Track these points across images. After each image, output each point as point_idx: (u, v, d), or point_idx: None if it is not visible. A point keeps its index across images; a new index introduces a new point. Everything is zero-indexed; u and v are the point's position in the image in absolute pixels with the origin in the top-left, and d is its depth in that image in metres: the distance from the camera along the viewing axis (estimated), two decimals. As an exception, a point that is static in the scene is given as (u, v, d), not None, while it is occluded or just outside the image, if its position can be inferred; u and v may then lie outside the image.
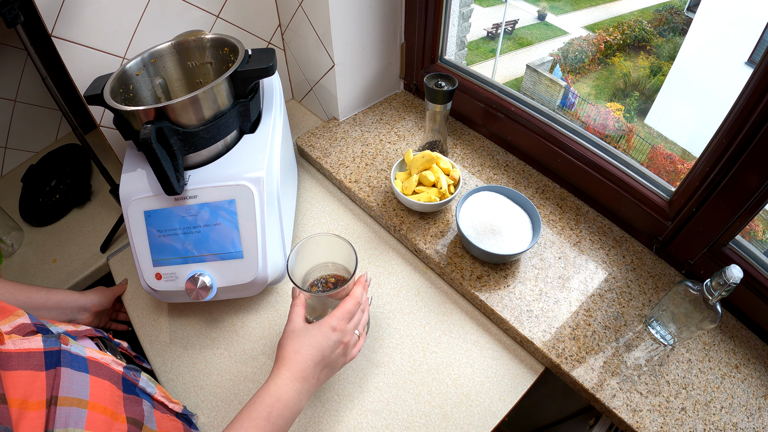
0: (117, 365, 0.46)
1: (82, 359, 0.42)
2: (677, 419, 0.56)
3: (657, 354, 0.62)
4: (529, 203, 0.72)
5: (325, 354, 0.51)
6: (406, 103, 1.03)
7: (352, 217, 0.84)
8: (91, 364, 0.42)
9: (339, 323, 0.52)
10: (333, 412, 0.60)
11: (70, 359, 0.40)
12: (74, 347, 0.42)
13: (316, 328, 0.52)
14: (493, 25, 3.61)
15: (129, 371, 0.47)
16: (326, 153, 0.91)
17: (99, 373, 0.42)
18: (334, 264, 0.62)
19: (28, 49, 0.64)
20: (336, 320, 0.52)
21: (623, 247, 0.74)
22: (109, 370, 0.44)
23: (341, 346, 0.52)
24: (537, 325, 0.64)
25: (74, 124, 0.72)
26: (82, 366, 0.41)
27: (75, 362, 0.40)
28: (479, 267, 0.71)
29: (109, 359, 0.45)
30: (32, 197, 0.96)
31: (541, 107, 0.82)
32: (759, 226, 0.83)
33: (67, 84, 0.72)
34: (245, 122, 0.65)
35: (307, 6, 0.85)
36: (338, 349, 0.52)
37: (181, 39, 0.68)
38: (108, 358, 0.45)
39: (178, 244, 0.61)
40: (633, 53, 2.70)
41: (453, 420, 0.59)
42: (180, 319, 0.72)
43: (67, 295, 0.68)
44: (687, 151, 2.06)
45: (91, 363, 0.42)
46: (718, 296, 0.53)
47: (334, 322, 0.52)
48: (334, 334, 0.52)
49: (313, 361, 0.50)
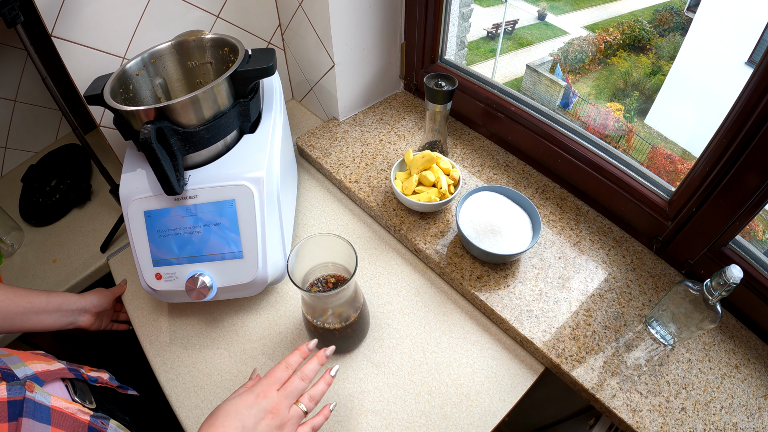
0: (83, 414, 0.43)
1: (46, 409, 0.40)
2: (677, 419, 0.56)
3: (657, 354, 0.62)
4: (529, 203, 0.72)
5: (246, 424, 0.43)
6: (406, 103, 1.03)
7: (352, 217, 0.84)
8: (54, 414, 0.40)
9: (263, 389, 0.46)
10: (333, 412, 0.60)
11: (33, 409, 0.39)
12: (39, 395, 0.40)
13: (238, 395, 0.46)
14: (493, 25, 3.61)
15: (96, 420, 0.44)
16: (326, 153, 0.91)
17: (62, 425, 0.40)
18: (334, 264, 0.62)
19: (28, 49, 0.64)
20: (260, 386, 0.47)
21: (623, 247, 0.74)
22: (73, 420, 0.41)
23: (269, 416, 0.45)
24: (537, 325, 0.64)
25: (74, 124, 0.72)
26: (45, 417, 0.39)
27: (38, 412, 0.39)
28: (479, 267, 0.71)
29: (74, 408, 0.43)
30: (32, 197, 0.96)
31: (541, 107, 0.82)
32: (759, 226, 0.83)
33: (67, 84, 0.72)
34: (245, 122, 0.65)
35: (307, 6, 0.85)
36: (265, 419, 0.45)
37: (181, 39, 0.68)
38: (74, 407, 0.43)
39: (178, 244, 0.61)
40: (633, 53, 2.70)
41: (453, 420, 0.59)
42: (180, 319, 0.72)
43: (67, 297, 0.68)
44: (687, 151, 2.06)
45: (54, 413, 0.40)
46: (718, 296, 0.53)
47: (258, 388, 0.46)
48: (257, 400, 0.45)
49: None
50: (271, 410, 0.45)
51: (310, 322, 0.60)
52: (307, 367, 0.50)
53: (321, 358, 0.51)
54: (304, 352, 0.51)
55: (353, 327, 0.61)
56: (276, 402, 0.46)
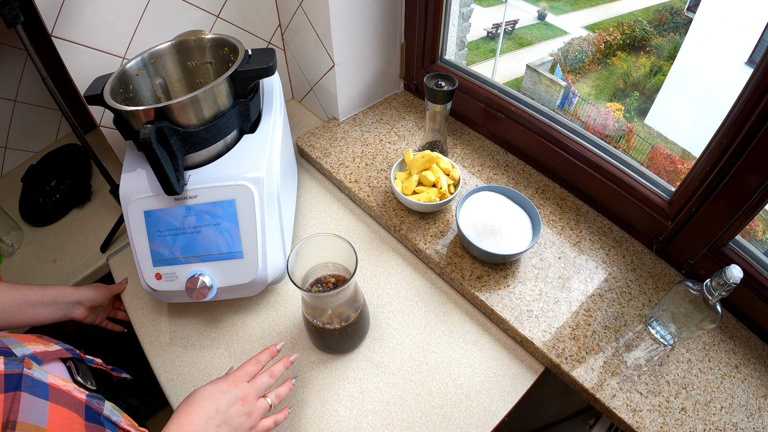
0: (80, 393, 0.44)
1: (44, 385, 0.41)
2: (677, 419, 0.56)
3: (657, 354, 0.62)
4: (529, 203, 0.72)
5: (219, 407, 0.47)
6: (406, 103, 1.03)
7: (352, 217, 0.84)
8: (52, 390, 0.41)
9: (236, 379, 0.51)
10: (333, 412, 0.60)
11: (31, 384, 0.39)
12: (37, 372, 0.41)
13: (213, 383, 0.50)
14: (493, 25, 3.61)
15: (93, 399, 0.45)
16: (326, 153, 0.91)
17: (59, 401, 0.41)
18: (334, 264, 0.62)
19: (28, 49, 0.64)
20: (232, 377, 0.51)
21: (623, 247, 0.74)
22: (70, 398, 0.42)
23: (239, 402, 0.49)
24: (537, 325, 0.64)
25: (74, 124, 0.72)
26: (42, 392, 0.40)
27: (35, 388, 0.39)
28: (479, 267, 0.71)
29: (71, 387, 0.44)
30: (32, 197, 0.96)
31: (541, 107, 0.82)
32: (759, 226, 0.83)
33: (67, 84, 0.72)
34: (245, 122, 0.65)
35: (307, 6, 0.85)
36: (235, 405, 0.49)
37: (181, 39, 0.68)
38: (71, 386, 0.44)
39: (178, 244, 0.61)
40: (633, 53, 2.70)
41: (453, 420, 0.59)
42: (180, 319, 0.72)
43: (62, 290, 0.68)
44: (687, 151, 2.06)
45: (52, 390, 0.41)
46: (718, 296, 0.53)
47: (230, 378, 0.51)
48: (230, 388, 0.49)
49: (205, 415, 0.46)
50: (241, 398, 0.49)
51: (310, 322, 0.60)
52: (276, 367, 0.55)
53: (286, 362, 0.56)
54: (273, 353, 0.56)
55: (353, 327, 0.61)
56: (246, 391, 0.50)
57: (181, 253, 0.61)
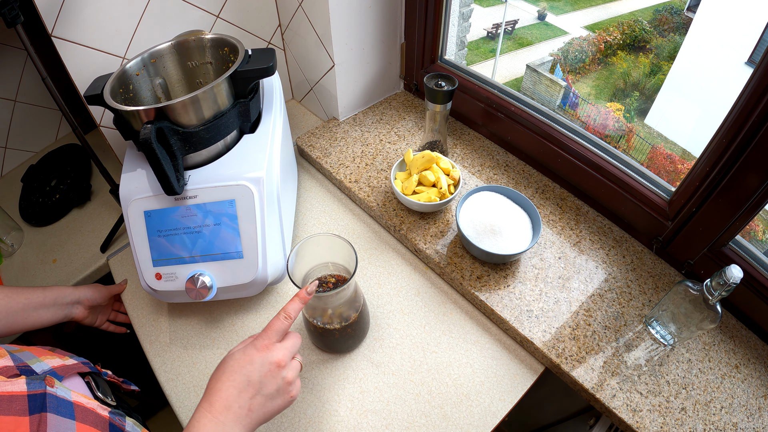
0: (102, 410, 0.43)
1: (69, 403, 0.39)
2: (677, 419, 0.56)
3: (657, 354, 0.62)
4: (529, 203, 0.72)
5: (251, 378, 0.44)
6: (406, 103, 1.03)
7: (352, 217, 0.84)
8: (77, 409, 0.40)
9: (264, 342, 0.47)
10: (333, 412, 0.60)
11: (56, 404, 0.38)
12: (60, 390, 0.40)
13: (240, 351, 0.46)
14: (493, 25, 3.61)
15: (115, 416, 0.44)
16: (326, 153, 0.91)
17: (86, 420, 0.40)
18: (334, 264, 0.62)
19: (28, 49, 0.64)
20: (261, 340, 0.47)
21: (623, 247, 0.74)
22: (95, 416, 0.41)
23: (272, 367, 0.46)
24: (537, 325, 0.64)
25: (74, 124, 0.72)
26: (68, 412, 0.39)
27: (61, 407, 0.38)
28: (479, 267, 0.71)
29: (95, 404, 0.43)
30: (32, 197, 0.96)
31: (541, 107, 0.82)
32: (759, 226, 0.83)
33: (67, 84, 0.72)
34: (245, 122, 0.65)
35: (307, 6, 0.85)
36: (269, 372, 0.45)
37: (181, 39, 0.68)
38: (93, 403, 0.43)
39: (178, 244, 0.61)
40: (633, 53, 2.70)
41: (453, 420, 0.59)
42: (180, 319, 0.72)
43: (62, 290, 0.68)
44: (687, 151, 2.06)
45: (77, 408, 0.40)
46: (718, 296, 0.53)
47: (259, 342, 0.47)
48: (259, 354, 0.46)
49: (236, 388, 0.44)
50: (276, 362, 0.46)
51: (310, 322, 0.60)
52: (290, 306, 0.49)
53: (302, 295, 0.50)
54: (304, 298, 0.50)
55: (353, 327, 0.61)
56: (279, 356, 0.46)
57: (181, 253, 0.61)
